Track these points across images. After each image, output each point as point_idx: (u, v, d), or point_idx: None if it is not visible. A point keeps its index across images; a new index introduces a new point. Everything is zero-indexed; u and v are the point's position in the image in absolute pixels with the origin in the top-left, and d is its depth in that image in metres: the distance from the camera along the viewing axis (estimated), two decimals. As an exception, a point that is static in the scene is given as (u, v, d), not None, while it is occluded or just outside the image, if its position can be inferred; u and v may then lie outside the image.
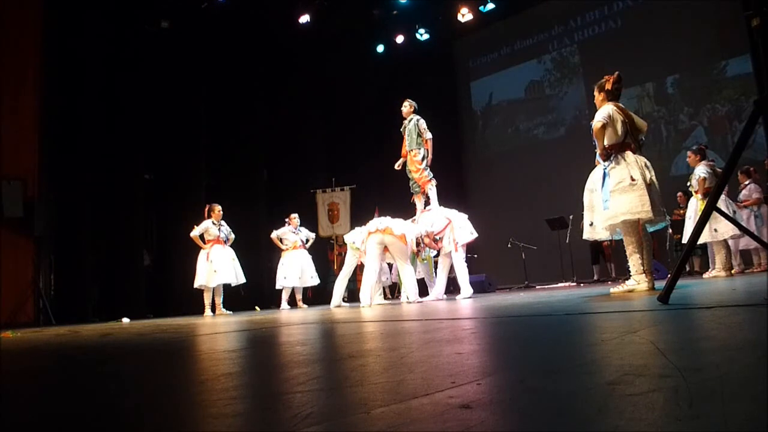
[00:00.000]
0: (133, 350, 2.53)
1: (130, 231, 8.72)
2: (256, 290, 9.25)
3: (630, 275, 3.90)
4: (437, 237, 6.18)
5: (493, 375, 1.07)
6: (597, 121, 3.90)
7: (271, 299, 9.19)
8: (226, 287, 7.64)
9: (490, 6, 10.84)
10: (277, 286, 8.25)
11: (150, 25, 9.13)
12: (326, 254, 10.82)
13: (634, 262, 3.83)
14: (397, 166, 7.00)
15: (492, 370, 1.14)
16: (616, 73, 4.06)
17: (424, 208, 6.79)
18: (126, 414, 1.01)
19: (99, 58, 8.56)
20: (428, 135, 6.71)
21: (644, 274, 3.80)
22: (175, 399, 1.12)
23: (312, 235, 8.61)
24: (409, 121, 6.84)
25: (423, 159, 6.69)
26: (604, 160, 3.92)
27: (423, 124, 6.74)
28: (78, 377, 1.69)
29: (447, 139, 11.74)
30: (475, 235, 6.30)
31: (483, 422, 0.70)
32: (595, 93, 4.13)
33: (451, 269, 6.36)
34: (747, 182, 7.09)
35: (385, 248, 6.03)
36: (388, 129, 8.74)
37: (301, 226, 8.47)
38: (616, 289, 3.93)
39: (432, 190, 6.69)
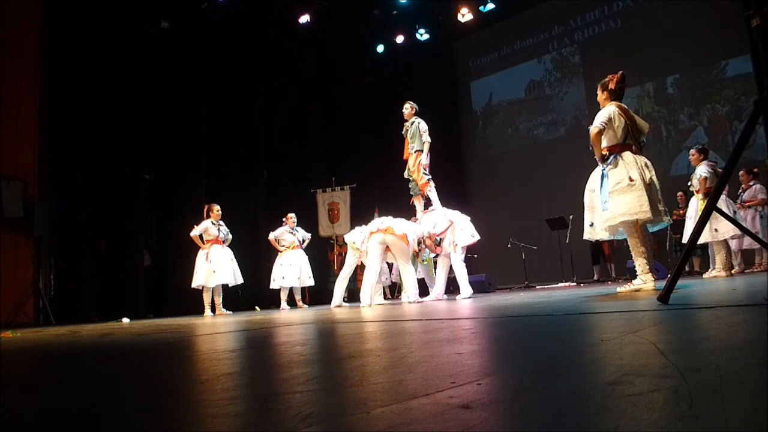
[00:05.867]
0: (133, 350, 2.53)
1: (130, 231, 8.71)
2: (256, 290, 9.25)
3: (636, 275, 3.90)
4: (439, 238, 6.18)
5: (493, 375, 1.07)
6: (594, 127, 3.90)
7: (271, 299, 9.19)
8: (225, 287, 7.64)
9: (490, 6, 10.84)
10: (274, 286, 8.22)
11: (150, 25, 9.13)
12: (326, 254, 10.81)
13: (640, 261, 3.83)
14: (407, 174, 6.95)
15: (492, 370, 1.14)
16: (620, 72, 4.05)
17: (425, 209, 6.78)
18: (126, 414, 1.01)
19: (99, 58, 8.55)
20: (426, 138, 6.65)
21: (650, 274, 3.80)
22: (175, 399, 1.12)
23: (308, 236, 8.59)
24: (411, 124, 6.82)
25: (426, 160, 6.66)
26: (602, 162, 3.93)
27: (423, 126, 6.70)
28: (78, 377, 1.69)
29: (447, 139, 11.75)
30: (477, 237, 6.28)
31: (483, 422, 0.70)
32: (599, 92, 4.13)
33: (451, 269, 6.36)
34: (752, 183, 7.09)
35: (387, 248, 6.03)
36: (388, 128, 8.74)
37: (297, 225, 8.46)
38: (622, 288, 3.93)
39: (432, 192, 6.68)
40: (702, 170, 6.00)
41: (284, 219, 8.39)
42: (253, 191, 10.41)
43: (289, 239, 8.27)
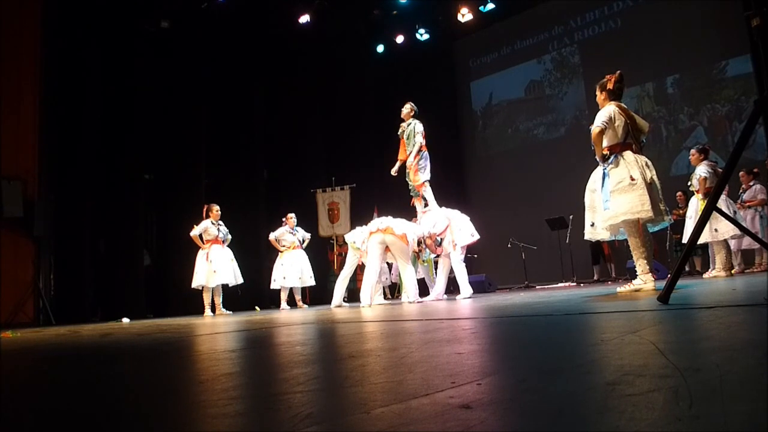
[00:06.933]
0: (133, 350, 2.53)
1: (130, 231, 8.71)
2: (256, 290, 9.25)
3: (636, 275, 3.89)
4: (439, 238, 6.17)
5: (493, 375, 1.07)
6: (596, 126, 3.90)
7: (271, 299, 9.19)
8: (225, 287, 7.63)
9: (490, 6, 10.84)
10: (275, 286, 8.21)
11: (150, 25, 9.13)
12: (326, 254, 10.81)
13: (641, 262, 3.83)
14: (394, 171, 6.95)
15: (492, 370, 1.14)
16: (618, 72, 4.05)
17: (424, 209, 6.78)
18: (126, 414, 1.01)
19: (99, 58, 8.56)
20: (418, 140, 6.62)
21: (651, 274, 3.79)
22: (175, 399, 1.12)
23: (308, 236, 8.59)
24: (408, 125, 6.82)
25: (419, 161, 6.65)
26: (603, 162, 3.93)
27: (418, 128, 6.68)
28: (78, 377, 1.69)
29: (447, 139, 11.76)
30: (477, 237, 6.28)
31: (483, 422, 0.70)
32: (597, 92, 4.13)
33: (451, 269, 6.36)
34: (752, 183, 7.09)
35: (387, 248, 6.03)
36: (387, 128, 8.73)
37: (297, 225, 8.45)
38: (622, 288, 3.93)
39: (427, 191, 6.67)
40: (702, 170, 5.99)
41: (284, 219, 8.39)
42: (253, 191, 10.42)
43: (290, 239, 8.26)
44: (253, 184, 10.44)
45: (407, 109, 6.88)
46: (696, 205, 6.10)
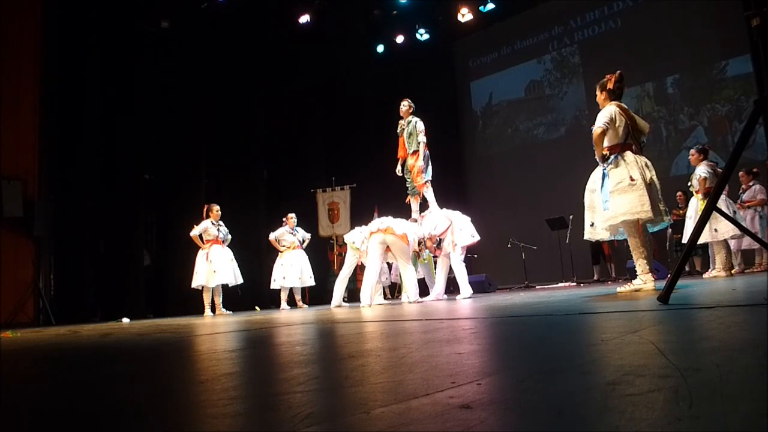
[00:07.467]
0: (133, 350, 2.53)
1: (130, 231, 8.71)
2: (256, 290, 9.25)
3: (636, 275, 3.89)
4: (439, 239, 6.18)
5: (493, 375, 1.07)
6: (597, 127, 3.90)
7: (271, 299, 9.19)
8: (225, 287, 7.63)
9: (490, 6, 10.84)
10: (275, 286, 8.21)
11: (150, 25, 9.13)
12: (326, 254, 10.81)
13: (641, 262, 3.83)
14: (399, 171, 6.95)
15: (492, 370, 1.14)
16: (618, 72, 4.05)
17: (421, 209, 6.77)
18: (126, 414, 1.01)
19: (99, 58, 8.56)
20: (421, 139, 6.63)
21: (651, 274, 3.80)
22: (175, 399, 1.12)
23: (308, 236, 8.59)
24: (408, 123, 6.81)
25: (423, 161, 6.65)
26: (603, 162, 3.93)
27: (420, 126, 6.68)
28: (78, 377, 1.69)
29: (447, 139, 11.76)
30: (477, 238, 6.28)
31: (483, 422, 0.70)
32: (597, 92, 4.13)
33: (451, 269, 6.36)
34: (751, 183, 7.09)
35: (387, 248, 6.03)
36: (388, 128, 8.74)
37: (297, 225, 8.45)
38: (622, 288, 3.93)
39: (428, 192, 6.67)
40: (701, 170, 6.00)
41: (284, 219, 8.39)
42: (253, 191, 10.42)
43: (290, 239, 8.26)
44: (253, 184, 10.44)
45: (405, 106, 6.87)
46: (696, 205, 6.11)
